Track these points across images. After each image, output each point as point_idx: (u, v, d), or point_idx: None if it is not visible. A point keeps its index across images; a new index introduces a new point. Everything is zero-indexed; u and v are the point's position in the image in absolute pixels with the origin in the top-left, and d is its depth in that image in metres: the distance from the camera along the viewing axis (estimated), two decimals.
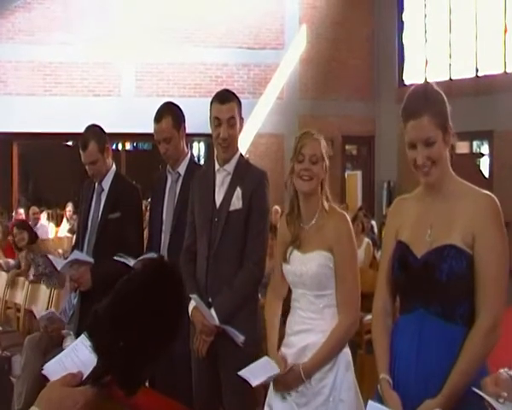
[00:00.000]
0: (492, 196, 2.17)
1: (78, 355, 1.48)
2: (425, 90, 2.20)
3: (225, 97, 3.11)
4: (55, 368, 1.51)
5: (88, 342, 1.46)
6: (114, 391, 1.45)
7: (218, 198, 3.11)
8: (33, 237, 6.75)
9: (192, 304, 2.98)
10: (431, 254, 2.15)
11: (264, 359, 2.69)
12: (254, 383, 2.60)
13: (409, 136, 2.16)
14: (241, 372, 2.63)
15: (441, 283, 2.10)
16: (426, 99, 2.15)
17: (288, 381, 2.60)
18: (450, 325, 2.12)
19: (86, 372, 1.44)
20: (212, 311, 2.95)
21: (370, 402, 2.10)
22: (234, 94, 3.18)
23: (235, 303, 2.98)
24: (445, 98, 2.19)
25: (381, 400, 2.17)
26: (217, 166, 3.16)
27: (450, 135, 2.17)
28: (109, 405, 1.50)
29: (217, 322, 2.92)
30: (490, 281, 2.09)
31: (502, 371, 1.82)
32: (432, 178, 2.16)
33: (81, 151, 3.80)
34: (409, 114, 2.15)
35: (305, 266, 2.66)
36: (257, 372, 2.62)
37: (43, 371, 1.52)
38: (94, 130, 3.85)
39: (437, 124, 2.13)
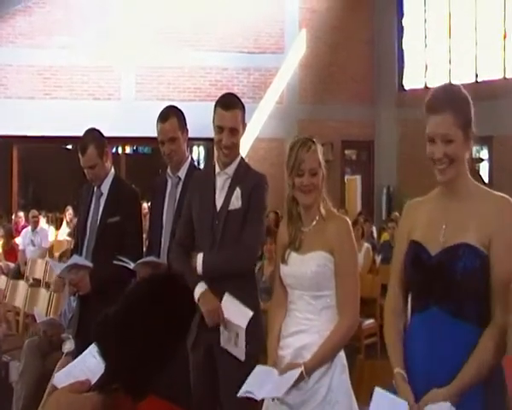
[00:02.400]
0: (510, 198, 2.18)
1: (86, 365, 1.51)
2: (451, 89, 2.23)
3: (229, 104, 3.12)
4: (64, 377, 1.53)
5: (96, 351, 1.48)
6: (121, 400, 1.46)
7: (219, 201, 3.12)
8: None
9: (199, 289, 2.96)
10: (445, 252, 2.15)
11: (258, 368, 2.69)
12: (259, 396, 2.58)
13: (429, 130, 2.17)
14: (241, 392, 2.59)
15: (455, 281, 2.11)
16: (451, 97, 2.17)
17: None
18: (464, 324, 2.12)
19: (94, 380, 1.45)
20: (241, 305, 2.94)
21: (377, 389, 2.11)
22: (238, 99, 3.18)
23: (224, 261, 3.01)
24: (471, 103, 2.20)
25: (395, 394, 2.18)
26: (217, 170, 3.17)
27: (471, 139, 2.19)
28: None
29: (243, 324, 2.89)
30: (506, 282, 2.08)
31: None
32: (446, 177, 2.17)
33: (80, 155, 3.80)
34: (432, 109, 2.16)
35: (303, 266, 2.68)
36: (257, 384, 2.59)
37: (54, 382, 1.54)
38: (93, 134, 3.85)
39: (458, 123, 2.14)
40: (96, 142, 3.78)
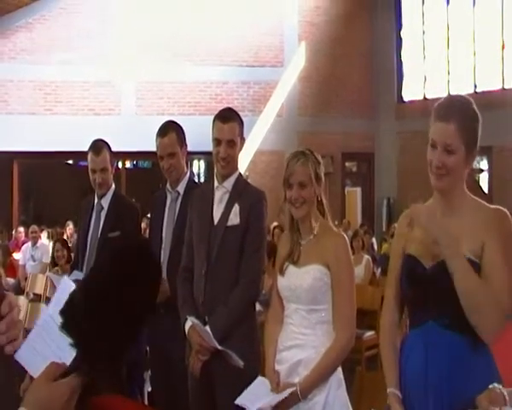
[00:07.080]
0: (504, 209, 2.17)
1: (51, 337, 1.46)
2: (464, 103, 2.19)
3: (227, 117, 3.14)
4: (28, 356, 1.48)
5: (56, 317, 1.44)
6: (99, 381, 1.45)
7: (216, 215, 3.13)
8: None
9: (189, 324, 2.99)
10: (440, 265, 2.14)
11: (259, 380, 2.71)
12: (253, 408, 2.58)
13: (432, 134, 2.15)
14: (238, 400, 2.61)
15: (451, 294, 2.09)
16: (460, 109, 2.15)
17: (284, 401, 2.59)
18: (459, 337, 2.11)
19: (64, 355, 1.42)
20: (208, 328, 2.94)
21: None
22: (236, 113, 3.21)
23: (230, 321, 2.98)
24: (480, 122, 2.18)
25: None
26: (216, 184, 3.18)
27: (474, 158, 2.18)
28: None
29: (217, 345, 2.90)
30: (498, 290, 2.07)
31: (495, 384, 1.83)
32: (441, 184, 2.16)
33: (93, 156, 3.85)
34: (439, 115, 2.14)
35: (299, 279, 2.67)
36: (253, 396, 2.62)
37: (16, 358, 1.48)
38: (103, 141, 3.96)
39: (462, 139, 2.11)
40: (108, 147, 3.91)
